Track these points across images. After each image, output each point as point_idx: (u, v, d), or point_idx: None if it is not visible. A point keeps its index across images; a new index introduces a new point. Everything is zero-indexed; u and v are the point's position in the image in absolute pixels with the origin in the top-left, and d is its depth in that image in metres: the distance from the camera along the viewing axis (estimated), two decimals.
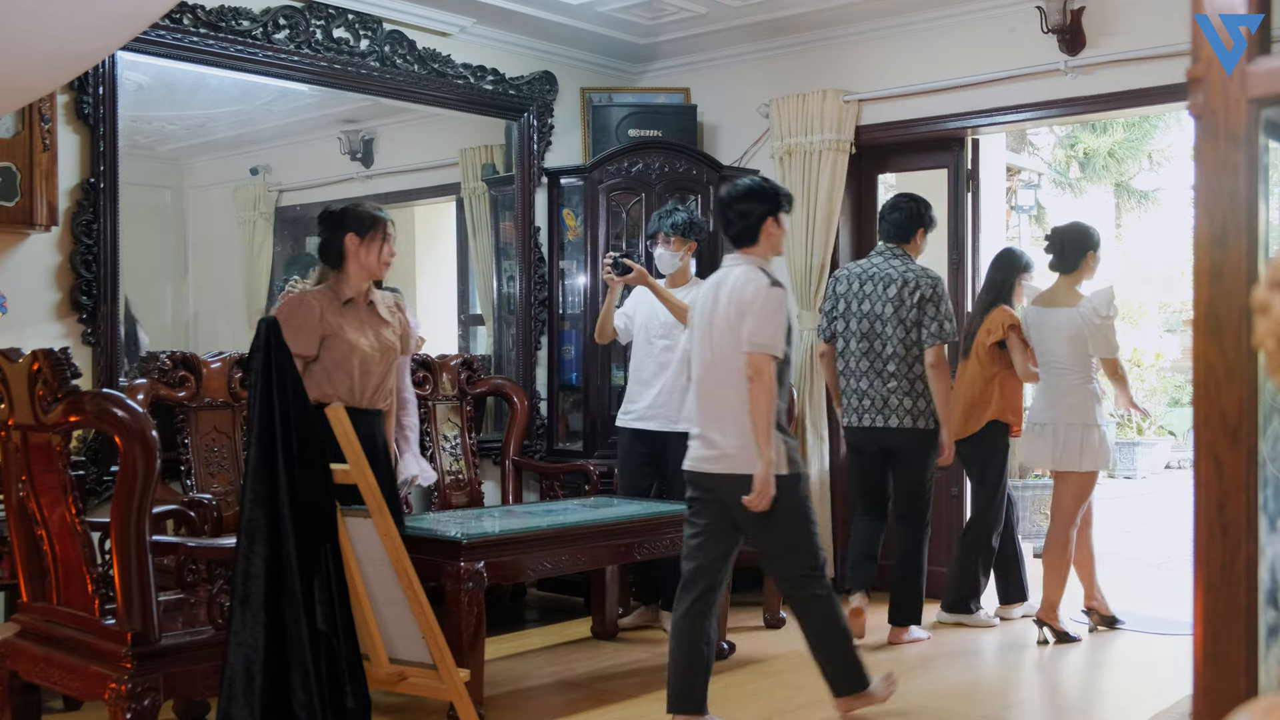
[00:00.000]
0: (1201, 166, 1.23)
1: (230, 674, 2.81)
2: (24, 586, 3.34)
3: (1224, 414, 1.21)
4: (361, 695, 2.97)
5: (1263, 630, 1.21)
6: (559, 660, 4.87)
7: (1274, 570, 1.24)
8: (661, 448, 5.11)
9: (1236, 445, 1.20)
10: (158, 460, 2.96)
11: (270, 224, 5.60)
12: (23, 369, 3.10)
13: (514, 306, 6.04)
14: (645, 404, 5.13)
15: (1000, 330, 5.19)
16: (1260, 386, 1.20)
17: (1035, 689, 4.58)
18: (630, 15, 5.93)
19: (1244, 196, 1.20)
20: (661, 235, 5.09)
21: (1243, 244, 1.20)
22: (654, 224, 5.18)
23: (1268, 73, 1.18)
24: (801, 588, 3.77)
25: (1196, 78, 1.22)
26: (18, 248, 4.35)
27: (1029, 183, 11.04)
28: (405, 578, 3.14)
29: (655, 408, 5.12)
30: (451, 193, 6.24)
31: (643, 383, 5.16)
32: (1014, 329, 5.19)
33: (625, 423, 5.23)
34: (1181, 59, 4.77)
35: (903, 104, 5.89)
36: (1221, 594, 1.21)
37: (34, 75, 2.98)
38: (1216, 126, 1.21)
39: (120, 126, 4.56)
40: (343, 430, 3.09)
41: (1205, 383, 1.22)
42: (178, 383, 4.57)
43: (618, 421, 5.32)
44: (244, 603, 2.83)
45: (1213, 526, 1.21)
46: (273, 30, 5.00)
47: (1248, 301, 1.16)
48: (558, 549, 4.30)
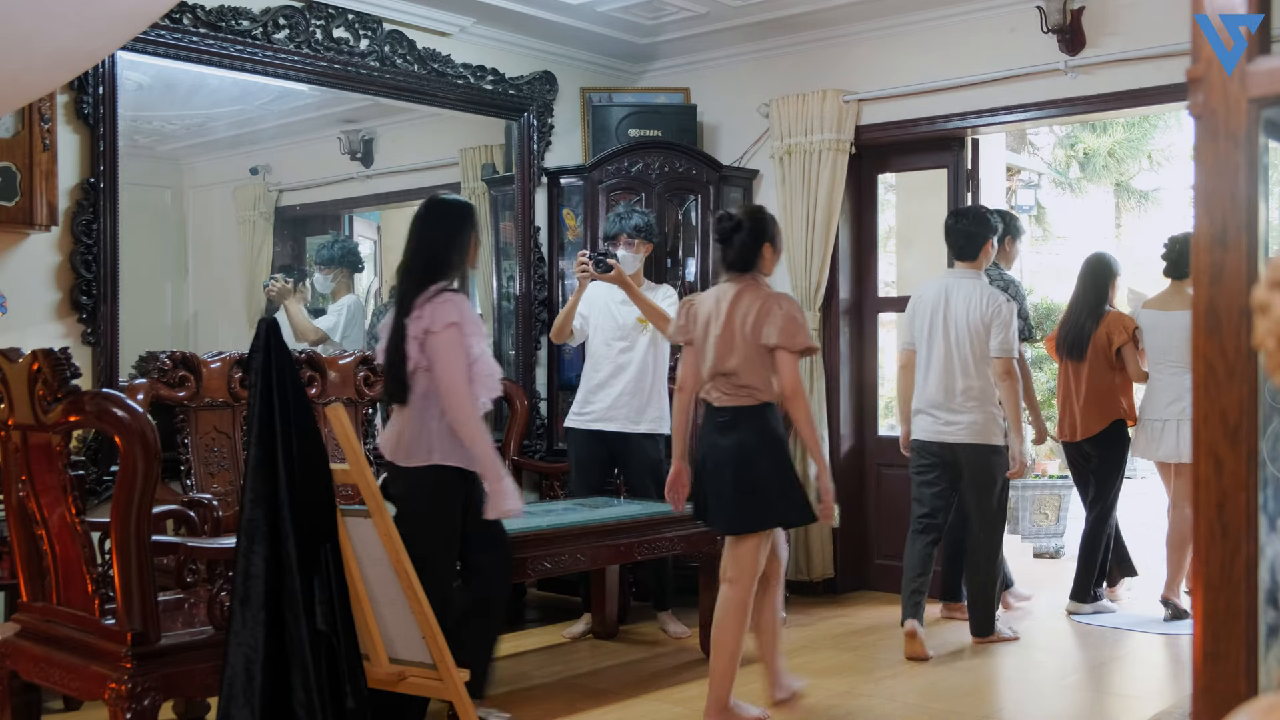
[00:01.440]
0: (1201, 166, 1.23)
1: (230, 674, 2.81)
2: (24, 586, 3.34)
3: (1224, 414, 1.21)
4: (361, 695, 2.97)
5: (1263, 630, 1.21)
6: (559, 660, 4.87)
7: (1274, 570, 1.24)
8: (623, 448, 5.18)
9: (1236, 445, 1.20)
10: (158, 460, 2.96)
11: (270, 224, 5.60)
12: (23, 369, 3.10)
13: (514, 306, 6.04)
14: (605, 405, 5.16)
15: (1124, 334, 5.49)
16: (1260, 386, 1.20)
17: (1035, 689, 4.58)
18: (630, 15, 5.93)
19: (1244, 196, 1.20)
20: (624, 237, 5.12)
21: (1243, 244, 1.20)
22: (613, 225, 5.19)
23: (1268, 73, 1.18)
24: (990, 531, 5.01)
25: (1196, 78, 1.22)
26: (18, 248, 4.35)
27: (1029, 183, 11.04)
28: (405, 578, 3.14)
29: (616, 409, 5.15)
30: (452, 193, 6.22)
31: (600, 384, 5.19)
32: (1134, 333, 5.53)
33: (582, 424, 5.22)
34: (1181, 59, 4.77)
35: (902, 104, 5.89)
36: (1221, 594, 1.21)
37: (34, 75, 2.98)
38: (1216, 126, 1.21)
39: (120, 126, 4.56)
40: (343, 430, 3.09)
41: (1205, 383, 1.22)
42: (178, 383, 4.57)
43: (570, 423, 5.30)
44: (244, 603, 2.83)
45: (1213, 526, 1.21)
46: (273, 30, 5.00)
47: (1248, 301, 1.16)
48: (558, 549, 4.30)
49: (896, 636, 5.14)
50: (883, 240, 6.94)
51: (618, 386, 5.16)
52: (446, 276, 3.66)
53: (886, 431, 6.31)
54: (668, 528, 4.65)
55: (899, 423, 5.36)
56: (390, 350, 3.60)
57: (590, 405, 5.19)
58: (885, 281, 7.00)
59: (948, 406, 4.97)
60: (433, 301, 3.55)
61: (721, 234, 3.94)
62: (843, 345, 6.20)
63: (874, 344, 6.33)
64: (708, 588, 4.80)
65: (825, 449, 6.01)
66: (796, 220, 6.00)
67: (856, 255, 6.28)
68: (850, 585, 6.12)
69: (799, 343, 3.78)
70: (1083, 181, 11.66)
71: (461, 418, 3.51)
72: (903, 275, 7.43)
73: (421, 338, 3.53)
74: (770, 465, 3.81)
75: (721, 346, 3.83)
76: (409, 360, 3.55)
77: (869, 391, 6.31)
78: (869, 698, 4.31)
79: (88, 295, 4.49)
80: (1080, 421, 5.54)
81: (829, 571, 6.05)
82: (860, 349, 6.27)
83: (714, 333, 3.86)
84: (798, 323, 3.79)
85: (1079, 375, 5.57)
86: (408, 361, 3.55)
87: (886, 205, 7.51)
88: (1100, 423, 5.53)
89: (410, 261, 3.69)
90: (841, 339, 6.19)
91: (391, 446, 3.65)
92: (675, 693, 4.37)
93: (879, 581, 6.15)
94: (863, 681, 4.51)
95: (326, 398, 4.95)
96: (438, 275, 3.64)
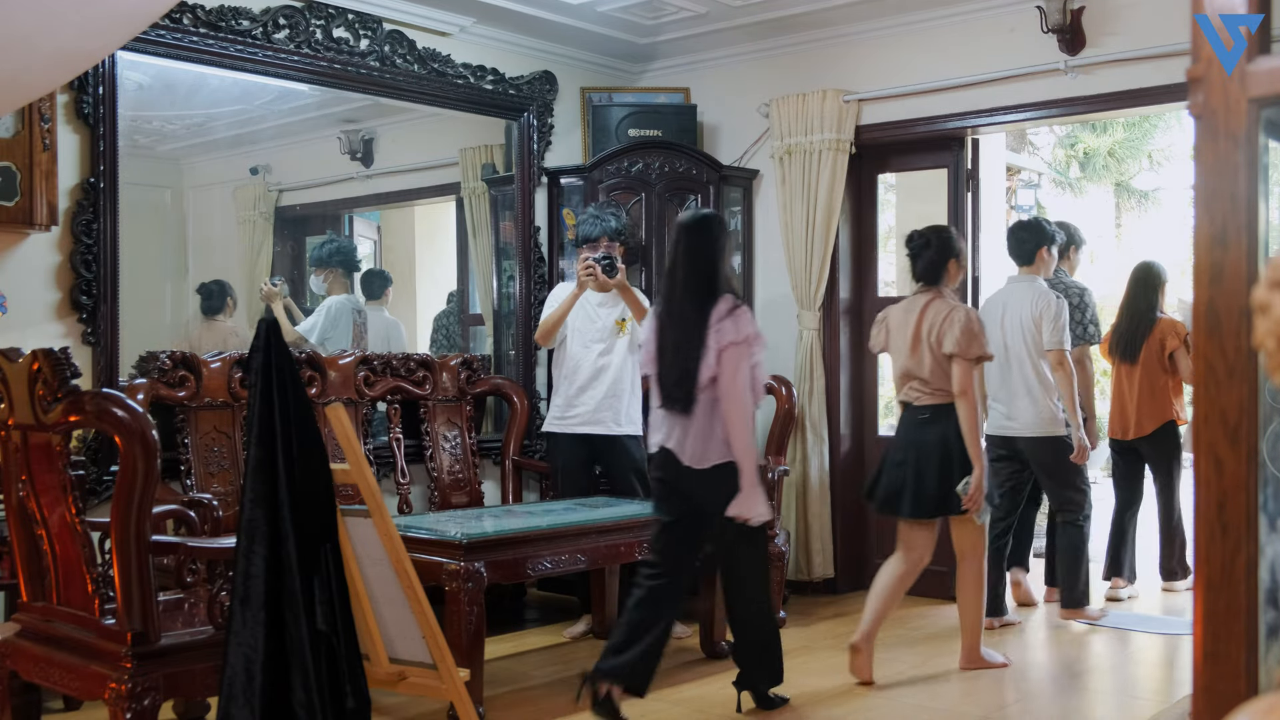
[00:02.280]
0: (1201, 166, 1.23)
1: (230, 674, 2.81)
2: (24, 586, 3.34)
3: (1224, 414, 1.21)
4: (361, 695, 2.97)
5: (1263, 630, 1.21)
6: (559, 660, 4.87)
7: (1274, 570, 1.24)
8: (608, 450, 5.24)
9: (1236, 445, 1.20)
10: (158, 460, 2.96)
11: (270, 224, 5.60)
12: (23, 369, 3.09)
13: (514, 306, 6.04)
14: (590, 408, 5.19)
15: (1177, 339, 5.81)
16: (1260, 386, 1.20)
17: (1035, 689, 4.58)
18: (630, 15, 5.93)
19: (1244, 196, 1.20)
20: (605, 240, 5.13)
21: (1243, 244, 1.20)
22: (593, 228, 5.17)
23: (1268, 73, 1.18)
24: (1069, 514, 5.39)
25: (1196, 78, 1.22)
26: (18, 248, 4.35)
27: (1029, 182, 11.03)
28: (405, 578, 3.14)
29: (601, 411, 5.19)
30: (451, 192, 6.23)
31: (582, 388, 5.21)
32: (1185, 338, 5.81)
33: (567, 428, 5.23)
34: (1181, 59, 4.77)
35: (902, 104, 5.89)
36: (1221, 594, 1.21)
37: (34, 75, 2.98)
38: (1216, 126, 1.21)
39: (120, 126, 4.55)
40: (342, 430, 3.09)
41: (1205, 383, 1.22)
42: (178, 383, 4.57)
43: (552, 427, 5.29)
44: (244, 603, 2.83)
45: (1213, 526, 1.21)
46: (273, 30, 5.00)
47: (1248, 301, 1.16)
48: (558, 549, 4.30)
49: (896, 636, 5.15)
50: (883, 240, 6.93)
51: (600, 389, 5.20)
52: (729, 288, 3.90)
53: (886, 431, 6.30)
54: None
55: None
56: (681, 362, 3.83)
57: (575, 409, 5.21)
58: (885, 281, 6.99)
59: (1009, 402, 5.33)
60: (733, 316, 3.81)
61: (912, 250, 4.61)
62: (843, 345, 6.20)
63: None
64: (707, 588, 4.81)
65: (824, 448, 6.02)
66: (796, 220, 6.00)
67: (856, 255, 6.28)
68: (850, 585, 6.11)
69: (973, 351, 4.39)
70: (1083, 181, 11.65)
71: (738, 420, 3.79)
72: (903, 275, 7.41)
73: (725, 348, 3.77)
74: (962, 455, 4.39)
75: (913, 353, 4.49)
76: (707, 370, 3.78)
77: (869, 391, 6.31)
78: (869, 697, 4.31)
79: (88, 295, 4.49)
80: (1134, 421, 5.92)
81: (829, 571, 6.05)
82: (860, 349, 6.27)
83: (905, 340, 4.52)
84: (973, 333, 4.39)
85: (1131, 377, 5.93)
86: (704, 372, 3.79)
87: (886, 205, 7.50)
88: (1153, 423, 5.88)
89: (687, 278, 3.89)
90: (841, 339, 6.19)
91: (681, 451, 3.89)
92: (675, 693, 4.36)
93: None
94: None
95: (326, 398, 4.95)
96: (720, 288, 3.87)
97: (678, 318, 3.87)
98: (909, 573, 4.54)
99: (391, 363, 5.33)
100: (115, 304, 4.54)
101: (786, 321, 6.11)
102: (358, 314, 5.67)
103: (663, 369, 3.90)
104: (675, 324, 3.87)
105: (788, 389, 5.74)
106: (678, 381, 3.84)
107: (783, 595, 5.41)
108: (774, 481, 5.39)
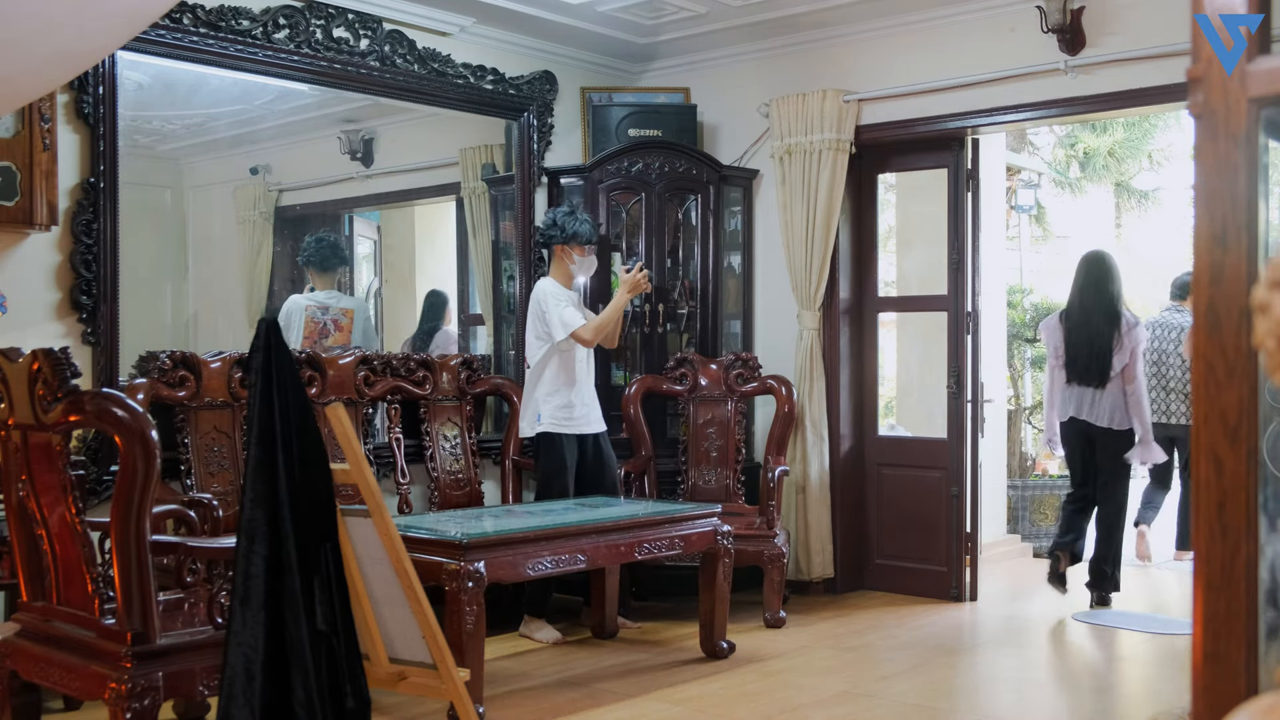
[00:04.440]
0: (1201, 166, 1.23)
1: (230, 674, 2.81)
2: (24, 586, 3.34)
3: (1224, 414, 1.21)
4: (361, 695, 2.97)
5: (1263, 630, 1.21)
6: (559, 660, 4.87)
7: (1274, 570, 1.24)
8: (597, 449, 5.32)
9: (1236, 445, 1.20)
10: (158, 460, 2.96)
11: (270, 224, 5.60)
12: (23, 369, 3.10)
13: (514, 306, 6.04)
14: (587, 408, 5.25)
15: None
16: (1260, 386, 1.20)
17: (1035, 689, 4.58)
18: (630, 15, 5.93)
19: (1244, 196, 1.20)
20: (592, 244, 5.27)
21: (1243, 244, 1.20)
22: (591, 231, 5.28)
23: (1268, 73, 1.18)
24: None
25: (1196, 78, 1.22)
26: (18, 247, 4.35)
27: (1029, 182, 11.03)
28: (405, 578, 3.13)
29: (594, 410, 5.31)
30: (451, 192, 6.23)
31: (578, 388, 5.25)
32: None
33: (572, 429, 5.23)
34: (1181, 59, 4.77)
35: (902, 104, 5.89)
36: (1221, 594, 1.21)
37: (34, 75, 2.98)
38: (1216, 126, 1.21)
39: (120, 126, 4.56)
40: (342, 430, 3.09)
41: (1205, 383, 1.22)
42: (178, 382, 4.57)
43: (553, 429, 5.21)
44: (244, 603, 2.83)
45: (1213, 526, 1.21)
46: (273, 30, 5.00)
47: (1248, 301, 1.16)
48: (558, 549, 4.30)
49: (896, 636, 5.15)
50: (883, 240, 6.93)
51: (589, 389, 5.31)
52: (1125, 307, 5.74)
53: (886, 431, 6.30)
54: (668, 527, 4.65)
55: None
56: (1098, 356, 5.64)
57: (575, 409, 5.23)
58: (885, 281, 6.99)
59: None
60: (1134, 329, 5.63)
61: None
62: (843, 345, 6.19)
63: (874, 344, 6.33)
64: (707, 588, 4.80)
65: (824, 448, 6.02)
66: (796, 220, 6.00)
67: (856, 255, 6.28)
68: (850, 585, 6.12)
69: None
70: (1083, 181, 11.65)
71: (1143, 395, 5.67)
72: (903, 275, 7.42)
73: (1134, 348, 5.61)
74: None
75: None
76: (1119, 362, 5.62)
77: (869, 391, 6.30)
78: (869, 698, 4.31)
79: (88, 295, 4.49)
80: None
81: (829, 571, 6.05)
82: (860, 349, 6.27)
83: None
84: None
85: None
86: (1116, 363, 5.62)
87: (886, 205, 7.50)
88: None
89: (1097, 300, 5.67)
90: (841, 339, 6.18)
91: (1100, 416, 5.67)
92: (675, 692, 4.36)
93: (879, 581, 6.15)
94: (863, 681, 4.51)
95: (326, 398, 4.95)
96: (1121, 308, 5.69)
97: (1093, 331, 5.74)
98: None
99: (391, 362, 5.33)
100: (115, 304, 4.54)
101: (786, 321, 6.11)
102: (321, 311, 5.63)
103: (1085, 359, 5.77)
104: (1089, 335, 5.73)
105: (788, 389, 5.74)
106: (1096, 366, 5.71)
107: (782, 595, 5.41)
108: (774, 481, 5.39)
